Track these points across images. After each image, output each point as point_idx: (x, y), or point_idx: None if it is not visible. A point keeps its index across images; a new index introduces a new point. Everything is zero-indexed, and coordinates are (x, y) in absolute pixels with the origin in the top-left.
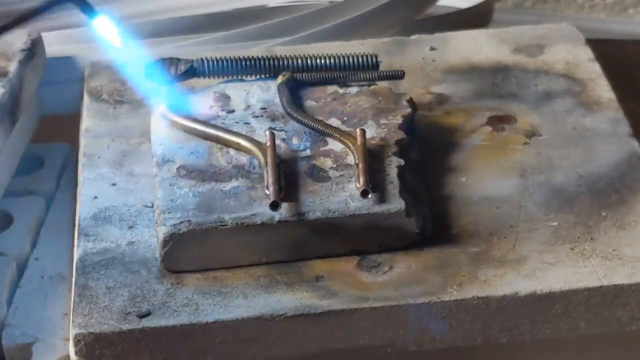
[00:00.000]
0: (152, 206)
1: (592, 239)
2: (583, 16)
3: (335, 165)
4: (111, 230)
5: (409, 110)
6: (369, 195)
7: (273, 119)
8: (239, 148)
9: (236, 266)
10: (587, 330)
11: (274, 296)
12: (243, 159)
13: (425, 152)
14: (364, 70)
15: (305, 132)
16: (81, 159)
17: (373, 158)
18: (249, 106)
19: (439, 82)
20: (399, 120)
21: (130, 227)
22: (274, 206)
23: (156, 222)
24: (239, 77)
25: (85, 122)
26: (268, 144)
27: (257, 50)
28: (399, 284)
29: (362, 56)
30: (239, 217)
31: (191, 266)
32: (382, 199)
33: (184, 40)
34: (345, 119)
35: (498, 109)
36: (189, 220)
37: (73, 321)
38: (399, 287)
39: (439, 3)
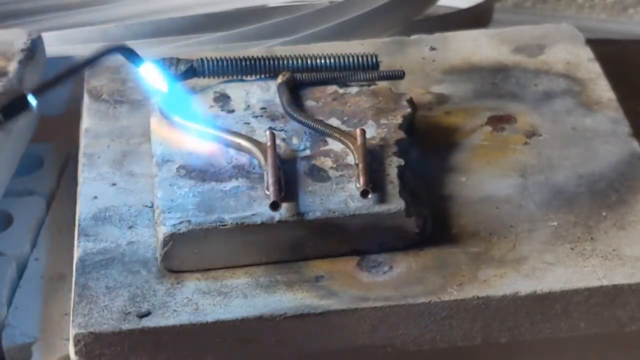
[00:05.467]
0: (152, 206)
1: (592, 239)
2: (583, 16)
3: (335, 165)
4: (111, 230)
5: (409, 110)
6: (369, 195)
7: (273, 119)
8: (239, 148)
9: (236, 266)
10: (587, 330)
11: (274, 296)
12: (243, 159)
13: (425, 152)
14: (364, 70)
15: (305, 132)
16: (81, 159)
17: (373, 158)
18: (249, 106)
19: (439, 82)
20: (399, 120)
21: (130, 227)
22: (274, 206)
23: (156, 222)
24: (239, 77)
25: (85, 122)
26: (268, 144)
27: (257, 50)
28: (399, 284)
29: (362, 56)
30: (239, 217)
31: (191, 266)
32: (382, 199)
33: (184, 40)
34: (345, 119)
35: (498, 109)
36: (189, 220)
37: (73, 321)
38: (399, 287)
39: (439, 3)
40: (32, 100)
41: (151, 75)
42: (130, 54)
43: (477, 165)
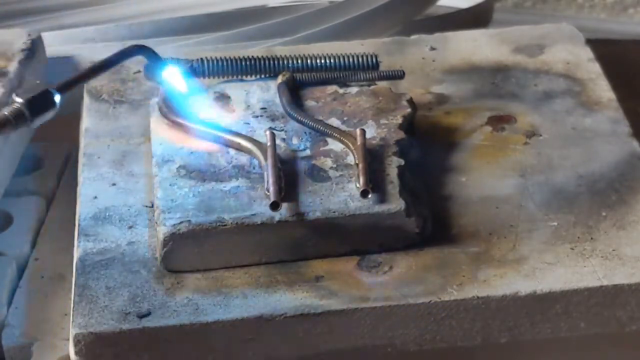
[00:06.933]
0: (152, 206)
1: (592, 239)
2: (583, 16)
3: (335, 165)
4: (111, 230)
5: (409, 110)
6: (369, 195)
7: (273, 119)
8: (239, 148)
9: (236, 266)
10: (587, 330)
11: (274, 296)
12: (243, 159)
13: (425, 152)
14: (364, 70)
15: (305, 132)
16: (81, 159)
17: (373, 158)
18: (249, 106)
19: (439, 82)
20: (399, 120)
21: (130, 227)
22: (275, 206)
23: (156, 222)
24: (239, 77)
25: (85, 122)
26: (268, 144)
27: (257, 50)
28: (399, 284)
29: (362, 56)
30: (239, 217)
31: (191, 266)
32: (382, 199)
33: (184, 40)
34: (345, 119)
35: (498, 109)
36: (189, 220)
37: (73, 321)
38: (399, 287)
39: (439, 3)
40: (56, 97)
41: (172, 77)
42: (152, 55)
43: (477, 165)
